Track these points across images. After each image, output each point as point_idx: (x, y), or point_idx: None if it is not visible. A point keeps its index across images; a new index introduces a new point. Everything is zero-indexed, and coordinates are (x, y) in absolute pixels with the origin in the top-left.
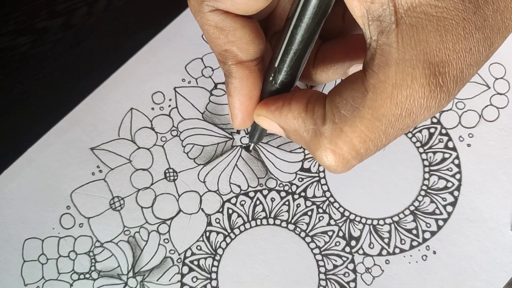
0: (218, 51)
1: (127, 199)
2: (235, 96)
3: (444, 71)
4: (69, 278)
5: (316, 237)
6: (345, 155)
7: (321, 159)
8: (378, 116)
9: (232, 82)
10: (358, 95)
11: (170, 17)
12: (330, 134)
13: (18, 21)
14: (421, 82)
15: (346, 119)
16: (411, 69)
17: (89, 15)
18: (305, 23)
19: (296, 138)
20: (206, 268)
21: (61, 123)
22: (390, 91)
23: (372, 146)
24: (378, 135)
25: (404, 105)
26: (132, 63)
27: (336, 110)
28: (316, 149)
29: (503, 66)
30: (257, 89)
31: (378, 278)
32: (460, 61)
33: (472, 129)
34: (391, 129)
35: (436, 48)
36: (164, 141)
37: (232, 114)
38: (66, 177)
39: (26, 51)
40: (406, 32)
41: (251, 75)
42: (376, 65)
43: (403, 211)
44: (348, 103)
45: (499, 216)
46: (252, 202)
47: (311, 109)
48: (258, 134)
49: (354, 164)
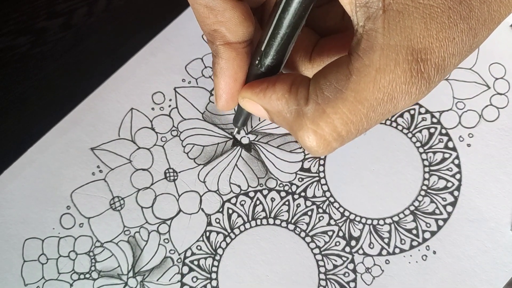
0: (207, 30)
1: (127, 199)
2: (220, 77)
3: (426, 58)
4: (69, 278)
5: (316, 237)
6: (327, 136)
7: (303, 140)
8: (361, 99)
9: (218, 62)
10: (342, 78)
11: (170, 17)
12: (312, 115)
13: (18, 21)
14: (403, 68)
15: (328, 100)
16: (394, 55)
17: (89, 15)
18: (293, 7)
19: (279, 120)
20: (206, 268)
21: (61, 123)
22: (374, 75)
23: (354, 129)
24: (360, 118)
25: (386, 89)
26: (132, 63)
27: (319, 91)
28: (298, 130)
29: (503, 66)
30: (242, 72)
31: (378, 278)
32: (442, 49)
33: (472, 129)
34: (372, 113)
35: (420, 35)
36: (164, 141)
37: (217, 95)
38: (66, 177)
39: (26, 51)
40: (392, 18)
41: (237, 57)
42: (361, 50)
43: (403, 211)
44: (332, 85)
45: (499, 216)
46: (252, 202)
47: (295, 90)
48: (242, 118)
49: (335, 146)
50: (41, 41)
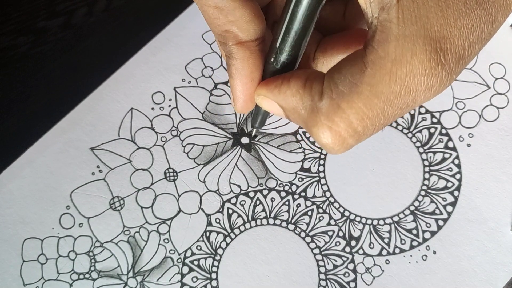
0: (218, 32)
1: (127, 199)
2: (236, 78)
3: (446, 48)
4: (69, 278)
5: (316, 237)
6: (342, 132)
7: (318, 136)
8: (377, 92)
9: (233, 63)
10: (356, 71)
11: (170, 17)
12: (327, 110)
13: (18, 21)
14: (421, 58)
15: (343, 94)
16: (411, 45)
17: (89, 15)
18: (306, 0)
19: (294, 116)
20: (206, 268)
21: (61, 123)
22: (389, 67)
23: (370, 125)
24: (376, 113)
25: (403, 82)
26: (132, 63)
27: (334, 86)
28: (312, 126)
29: (503, 66)
30: (258, 71)
31: (378, 278)
32: (462, 37)
33: (472, 129)
34: (389, 107)
35: (437, 23)
36: (164, 141)
37: (234, 97)
38: (66, 177)
39: (26, 51)
40: (406, 8)
41: (252, 56)
42: (376, 42)
43: (403, 211)
44: (346, 79)
45: (499, 216)
46: (252, 202)
47: (309, 85)
48: (260, 118)
49: (352, 143)
50: (41, 41)
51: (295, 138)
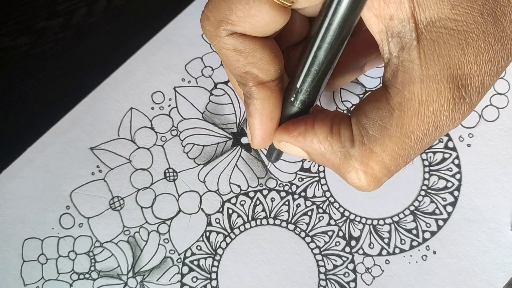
0: (238, 73)
1: (127, 199)
2: (256, 118)
3: (467, 83)
4: (69, 278)
5: (316, 237)
6: (377, 174)
7: (353, 181)
8: (407, 133)
9: (253, 103)
10: (384, 114)
11: (170, 17)
12: (361, 156)
13: (19, 21)
14: (446, 96)
15: (375, 139)
16: (435, 85)
17: (89, 15)
18: (328, 43)
19: (322, 161)
20: (206, 268)
21: (61, 123)
22: (417, 108)
23: (402, 162)
24: (408, 151)
25: (431, 120)
26: (132, 62)
27: (364, 131)
28: (347, 172)
29: None
30: (278, 110)
31: (378, 278)
32: (481, 73)
33: (472, 129)
34: (419, 144)
35: (459, 61)
36: (164, 141)
37: (253, 134)
38: (65, 177)
39: (26, 51)
40: (427, 48)
41: (272, 95)
42: (399, 83)
43: (403, 211)
44: (376, 123)
45: (499, 216)
46: (252, 202)
47: (337, 131)
48: (276, 153)
49: (385, 181)
50: (41, 41)
51: None
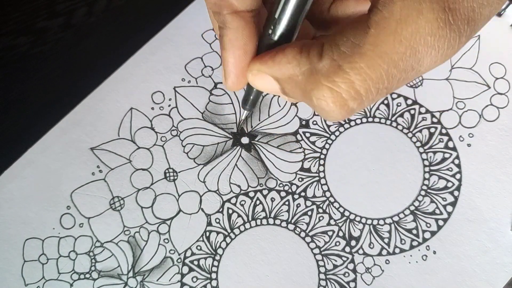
0: (213, 1)
1: (127, 199)
2: (229, 49)
3: (454, 8)
4: (69, 278)
5: (316, 237)
6: (343, 94)
7: (318, 100)
8: (380, 53)
9: (226, 34)
10: (359, 33)
11: (170, 17)
12: (327, 71)
13: (18, 21)
14: (428, 17)
15: (345, 55)
16: (417, 4)
17: (89, 15)
18: None
19: (291, 86)
20: (206, 268)
21: (61, 123)
22: (394, 27)
23: (373, 88)
24: (380, 74)
25: (408, 42)
26: (132, 63)
27: (335, 47)
28: (311, 89)
29: (503, 66)
30: (252, 43)
31: (378, 278)
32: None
33: (472, 129)
34: (394, 69)
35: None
36: (164, 141)
37: (226, 71)
38: (66, 177)
39: (26, 51)
40: None
41: (246, 26)
42: (381, 3)
43: (403, 211)
44: (349, 40)
45: (499, 216)
46: (252, 202)
47: (307, 50)
48: (252, 97)
49: (353, 107)
50: (41, 41)
51: (295, 138)
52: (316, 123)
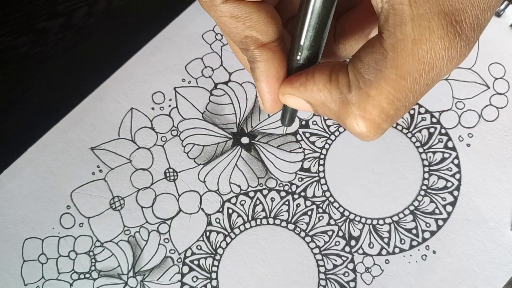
0: (238, 39)
1: (127, 199)
2: (263, 80)
3: (460, 19)
4: (69, 277)
5: (316, 237)
6: (376, 119)
7: (352, 127)
8: (403, 74)
9: (258, 66)
10: (379, 57)
11: (170, 17)
12: (358, 100)
13: (19, 21)
14: (439, 34)
15: (371, 82)
16: (427, 23)
17: (89, 15)
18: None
19: (324, 111)
20: (206, 268)
21: (61, 123)
22: (411, 48)
23: (401, 106)
24: (405, 94)
25: (426, 59)
26: (132, 63)
27: (359, 75)
28: (345, 118)
29: (503, 66)
30: (283, 70)
31: (378, 277)
32: (474, 7)
33: (471, 129)
34: (416, 85)
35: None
36: (164, 141)
37: (263, 99)
38: (66, 177)
39: (26, 51)
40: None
41: (275, 56)
42: (391, 25)
43: (402, 211)
44: (371, 67)
45: (499, 216)
46: (252, 202)
47: (335, 78)
48: (288, 116)
49: (386, 127)
50: (41, 41)
51: (295, 138)
52: (316, 123)
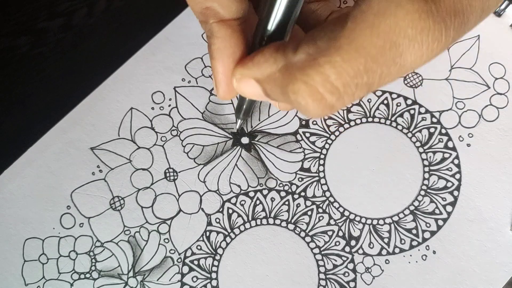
0: (198, 9)
1: (127, 199)
2: (218, 58)
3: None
4: (70, 278)
5: (316, 237)
6: (319, 87)
7: (294, 94)
8: (356, 47)
9: (214, 42)
10: (337, 28)
11: (170, 17)
12: (302, 64)
13: (19, 22)
14: (407, 9)
15: (320, 49)
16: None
17: (89, 15)
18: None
19: (271, 86)
20: (206, 268)
21: (61, 123)
22: (371, 20)
23: (352, 83)
24: (357, 69)
25: (387, 35)
26: (132, 63)
27: (312, 42)
28: (287, 84)
29: (503, 66)
30: (240, 51)
31: (378, 278)
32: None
33: (472, 129)
34: (372, 63)
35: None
36: (164, 141)
37: (216, 81)
38: (66, 177)
39: (26, 52)
40: None
41: (234, 35)
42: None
43: (403, 211)
44: (326, 35)
45: (499, 216)
46: (252, 202)
47: (283, 47)
48: (245, 106)
49: (332, 103)
50: (41, 42)
51: (295, 138)
52: (316, 123)
